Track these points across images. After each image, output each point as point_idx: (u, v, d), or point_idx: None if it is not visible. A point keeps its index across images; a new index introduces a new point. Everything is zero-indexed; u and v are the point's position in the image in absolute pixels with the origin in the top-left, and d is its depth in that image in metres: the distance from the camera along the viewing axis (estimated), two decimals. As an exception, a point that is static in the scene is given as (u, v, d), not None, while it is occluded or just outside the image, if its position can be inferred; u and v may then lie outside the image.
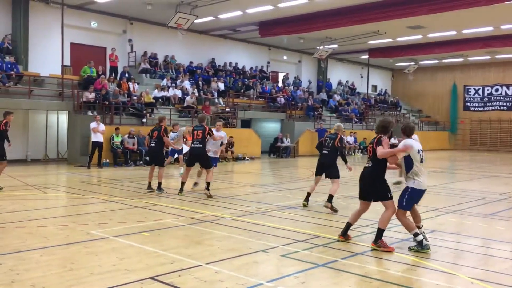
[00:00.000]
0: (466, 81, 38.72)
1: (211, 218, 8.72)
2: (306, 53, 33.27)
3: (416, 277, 5.56)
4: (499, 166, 22.84)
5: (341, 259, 6.16)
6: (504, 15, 22.36)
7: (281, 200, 11.02)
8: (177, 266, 5.73)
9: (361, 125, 32.86)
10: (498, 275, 5.70)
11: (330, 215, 9.32)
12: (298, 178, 16.42)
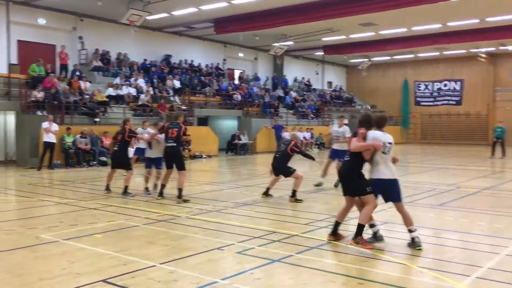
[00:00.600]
0: (416, 77, 39.91)
1: (167, 217, 8.59)
2: (262, 50, 33.37)
3: (369, 268, 5.67)
4: (449, 158, 23.68)
5: (296, 254, 6.20)
6: (451, 13, 23.15)
7: (238, 197, 11.00)
8: (130, 267, 5.61)
9: (317, 121, 33.30)
10: (446, 263, 5.89)
11: (287, 210, 9.37)
12: (255, 175, 16.45)
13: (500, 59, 36.40)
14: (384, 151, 6.46)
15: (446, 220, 8.59)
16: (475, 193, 11.76)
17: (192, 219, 8.42)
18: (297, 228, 7.68)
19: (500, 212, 9.31)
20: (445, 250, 6.56)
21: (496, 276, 5.34)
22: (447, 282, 5.16)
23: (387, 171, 6.48)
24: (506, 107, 35.66)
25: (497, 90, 36.40)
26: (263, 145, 26.68)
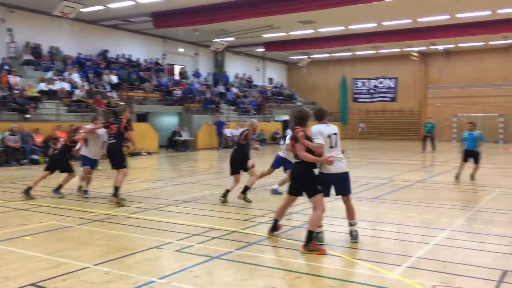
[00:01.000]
0: (354, 74, 41.10)
1: (103, 217, 8.31)
2: (203, 45, 33.09)
3: (307, 262, 5.75)
4: (384, 153, 24.59)
5: (236, 250, 6.19)
6: (385, 13, 24.01)
7: (178, 194, 10.85)
8: (62, 270, 5.37)
9: (259, 117, 33.48)
10: (380, 254, 6.09)
11: (227, 207, 9.34)
12: (196, 172, 16.30)
13: (431, 58, 38.21)
14: (331, 145, 6.33)
15: (380, 212, 8.89)
16: (407, 186, 12.27)
17: (129, 218, 8.20)
18: (237, 224, 7.67)
19: (430, 203, 9.77)
20: (379, 241, 6.78)
21: (425, 265, 5.58)
22: (381, 272, 5.33)
23: (337, 164, 6.29)
24: (436, 104, 37.57)
25: (428, 88, 38.21)
26: (205, 142, 26.50)
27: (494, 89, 35.39)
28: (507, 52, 34.76)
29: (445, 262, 5.67)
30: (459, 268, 5.43)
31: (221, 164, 19.65)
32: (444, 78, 37.29)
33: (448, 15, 24.46)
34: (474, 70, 36.33)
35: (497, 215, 8.61)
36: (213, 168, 17.18)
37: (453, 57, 37.11)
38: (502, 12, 23.70)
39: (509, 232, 7.23)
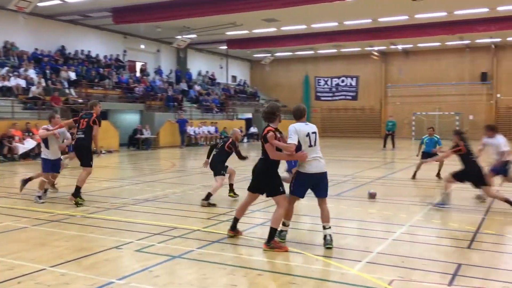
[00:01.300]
0: (316, 72, 41.48)
1: (60, 217, 8.07)
2: (165, 42, 32.67)
3: (268, 259, 5.76)
4: (345, 150, 24.99)
5: (197, 249, 6.14)
6: (346, 12, 24.37)
7: (139, 193, 10.66)
8: (17, 272, 5.18)
9: (222, 115, 33.40)
10: (341, 250, 6.15)
11: (189, 205, 9.25)
12: (158, 170, 16.08)
13: (390, 58, 39.08)
14: (311, 144, 6.17)
15: (342, 209, 9.01)
16: (368, 183, 12.49)
17: (88, 218, 8.00)
18: (199, 223, 7.60)
19: (389, 200, 9.98)
20: (340, 238, 6.85)
21: (384, 260, 5.69)
22: (341, 268, 5.40)
23: (316, 163, 6.18)
24: (396, 102, 38.48)
25: (388, 87, 39.06)
26: (167, 140, 26.20)
27: (450, 88, 36.55)
28: (463, 53, 35.96)
29: (404, 257, 5.79)
30: (416, 263, 5.57)
31: (184, 162, 19.48)
32: (403, 77, 38.23)
33: (407, 15, 25.07)
34: (431, 69, 37.42)
35: (453, 211, 8.87)
36: (175, 167, 16.99)
37: (411, 56, 38.09)
38: (458, 14, 24.49)
39: (462, 227, 7.46)
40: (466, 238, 6.74)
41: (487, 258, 5.79)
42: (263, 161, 6.30)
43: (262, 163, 6.32)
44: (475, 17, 25.24)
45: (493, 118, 35.00)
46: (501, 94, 35.28)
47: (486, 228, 7.31)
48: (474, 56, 35.87)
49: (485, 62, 35.75)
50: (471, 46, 35.10)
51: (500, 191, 9.49)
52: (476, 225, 7.52)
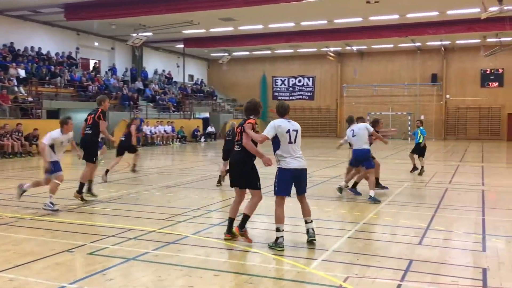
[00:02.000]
0: (274, 72, 41.80)
1: (9, 220, 7.75)
2: (120, 40, 31.96)
3: (225, 260, 5.74)
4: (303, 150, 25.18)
5: (153, 250, 6.03)
6: (303, 13, 24.63)
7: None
8: (-41, 279, 4.92)
9: (179, 114, 33.05)
10: (298, 249, 6.21)
11: (144, 206, 9.08)
12: (113, 171, 15.66)
13: (346, 58, 39.84)
14: (290, 140, 6.32)
15: (299, 208, 9.07)
16: (324, 181, 12.67)
17: (38, 221, 7.71)
18: (155, 224, 7.47)
19: (344, 198, 10.15)
20: (297, 236, 6.91)
21: (339, 258, 5.78)
22: (297, 266, 5.44)
23: (296, 161, 6.35)
24: (352, 102, 39.27)
25: (343, 87, 39.80)
26: (122, 139, 25.59)
27: (402, 89, 37.66)
28: (414, 55, 37.13)
29: (358, 254, 5.90)
30: (370, 259, 5.68)
31: (139, 162, 19.09)
32: (358, 77, 39.06)
33: (361, 17, 25.60)
34: (385, 70, 38.43)
35: (404, 208, 9.14)
36: (131, 167, 16.63)
37: (366, 58, 38.98)
38: (410, 17, 25.25)
39: (414, 223, 7.69)
40: (417, 234, 6.94)
41: (437, 254, 5.98)
42: (240, 153, 6.41)
43: (239, 154, 6.43)
44: (426, 20, 26.10)
45: (443, 118, 36.36)
46: (450, 95, 36.66)
47: (436, 225, 7.56)
48: (425, 58, 37.12)
49: (435, 64, 37.04)
50: (422, 49, 36.30)
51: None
52: (427, 221, 7.76)
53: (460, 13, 24.27)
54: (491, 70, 35.36)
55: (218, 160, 19.46)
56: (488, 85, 35.60)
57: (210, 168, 15.83)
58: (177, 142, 29.08)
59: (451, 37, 31.56)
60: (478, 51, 33.07)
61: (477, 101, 35.88)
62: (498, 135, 34.78)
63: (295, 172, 6.31)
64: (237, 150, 6.48)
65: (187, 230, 7.13)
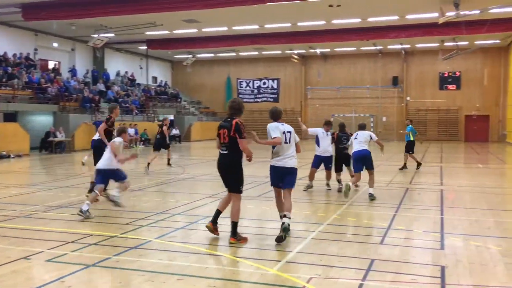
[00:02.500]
0: (238, 74, 41.81)
1: (-39, 227, 7.42)
2: (80, 41, 31.23)
3: (189, 264, 5.66)
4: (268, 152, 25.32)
5: (114, 256, 5.90)
6: (267, 15, 24.74)
7: (52, 199, 10.08)
8: None
9: (142, 116, 32.59)
10: (263, 251, 6.22)
11: (105, 211, 8.88)
12: (73, 175, 15.31)
13: (310, 61, 40.27)
14: (286, 141, 6.95)
15: (263, 210, 9.11)
16: (288, 183, 12.72)
17: (-7, 228, 7.42)
18: (116, 229, 7.32)
19: (309, 199, 10.24)
20: (261, 238, 6.92)
21: (303, 259, 5.82)
22: (261, 269, 5.43)
23: (282, 161, 6.97)
24: (316, 104, 39.73)
25: (307, 89, 40.22)
26: (83, 143, 25.01)
27: (365, 91, 38.36)
28: (376, 58, 37.89)
29: (321, 255, 5.96)
30: (333, 260, 5.74)
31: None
32: (322, 80, 39.55)
33: (324, 21, 25.94)
34: (348, 73, 39.06)
35: (367, 208, 9.30)
36: (92, 171, 16.24)
37: (329, 60, 39.51)
38: (371, 20, 25.75)
39: (376, 223, 7.83)
40: (379, 234, 7.07)
41: (398, 253, 6.10)
42: (229, 156, 6.60)
43: (229, 157, 6.61)
44: (387, 24, 26.68)
45: (404, 120, 37.21)
46: (410, 97, 37.60)
47: (397, 224, 7.72)
48: (386, 61, 37.95)
49: (396, 67, 37.92)
50: (383, 52, 37.09)
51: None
52: (388, 221, 7.92)
53: (419, 18, 24.94)
54: (449, 73, 36.50)
55: (183, 163, 19.32)
56: (446, 88, 36.74)
57: (174, 171, 15.66)
58: (140, 145, 28.66)
59: (410, 41, 32.39)
60: (437, 54, 34.07)
61: (436, 103, 36.96)
62: (456, 136, 35.91)
63: (278, 169, 6.98)
64: (225, 153, 6.61)
65: (150, 235, 7.02)
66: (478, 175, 15.03)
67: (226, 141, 6.56)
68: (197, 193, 11.07)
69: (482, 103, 35.93)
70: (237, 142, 6.51)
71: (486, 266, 5.54)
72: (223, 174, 6.76)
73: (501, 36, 30.22)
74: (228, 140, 6.54)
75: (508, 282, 5.01)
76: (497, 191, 11.59)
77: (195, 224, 7.78)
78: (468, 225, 7.70)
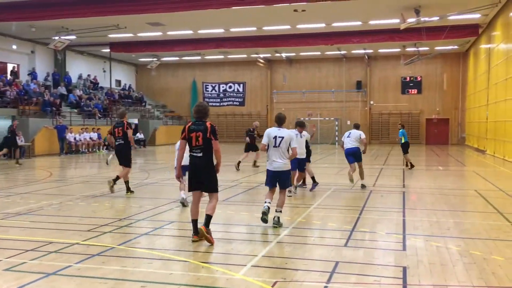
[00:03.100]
0: (204, 78, 41.63)
1: None
2: (41, 43, 30.45)
3: (153, 270, 5.57)
4: (234, 156, 25.27)
5: (75, 264, 5.75)
6: (232, 19, 24.77)
7: (10, 206, 9.74)
8: None
9: (105, 120, 32.00)
10: (228, 256, 6.18)
11: (67, 217, 8.65)
12: (33, 181, 14.86)
13: (275, 65, 40.54)
14: (275, 145, 7.81)
15: (229, 214, 9.08)
16: (255, 187, 12.76)
17: None
18: (78, 236, 7.14)
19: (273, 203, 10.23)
20: (227, 243, 6.89)
21: (268, 263, 5.81)
22: (226, 273, 5.40)
23: (274, 164, 7.84)
24: (281, 108, 39.94)
25: (273, 93, 40.44)
26: (43, 148, 24.40)
27: (330, 95, 38.91)
28: (340, 62, 38.52)
29: (286, 258, 5.98)
30: (298, 263, 5.77)
31: (63, 171, 18.29)
32: (287, 84, 39.86)
33: (289, 25, 26.18)
34: (313, 77, 39.54)
35: (332, 211, 9.41)
36: (53, 176, 15.86)
37: (294, 64, 39.89)
38: (336, 25, 26.17)
39: (340, 226, 7.92)
40: (343, 236, 7.16)
41: (362, 255, 6.19)
42: (203, 158, 6.71)
43: (204, 160, 6.72)
44: (350, 29, 27.18)
45: (368, 123, 37.93)
46: (373, 101, 38.37)
47: (361, 226, 7.84)
48: (350, 66, 38.63)
49: (359, 72, 38.64)
50: (347, 56, 37.74)
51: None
52: (352, 223, 8.03)
53: (381, 23, 25.53)
54: (410, 78, 37.48)
55: (147, 167, 19.07)
56: (408, 92, 37.68)
57: (138, 176, 15.44)
58: (103, 149, 28.11)
59: (373, 46, 33.10)
60: (399, 59, 34.91)
61: (398, 107, 37.84)
62: (418, 139, 36.84)
63: (273, 173, 7.91)
64: (200, 156, 6.71)
65: (113, 241, 6.88)
66: (439, 177, 15.46)
67: (200, 144, 6.69)
68: (162, 198, 10.94)
69: (442, 107, 37.05)
70: (211, 144, 6.67)
71: (446, 266, 5.69)
72: (199, 175, 6.76)
73: (460, 42, 31.28)
74: (202, 143, 6.67)
75: (467, 281, 5.15)
76: (457, 192, 11.94)
77: (160, 229, 7.68)
78: (429, 226, 7.89)
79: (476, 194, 11.44)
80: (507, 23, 21.34)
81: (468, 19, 24.51)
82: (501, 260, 5.89)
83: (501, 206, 9.71)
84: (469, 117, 34.04)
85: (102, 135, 28.31)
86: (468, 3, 21.15)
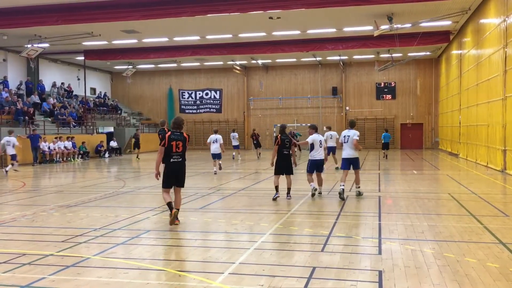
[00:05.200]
0: (180, 85, 41.55)
1: None
2: (13, 51, 29.93)
3: (128, 280, 5.50)
4: (209, 162, 25.21)
5: (49, 276, 5.64)
6: (208, 26, 24.79)
7: (-19, 218, 9.50)
8: None
9: (80, 129, 31.55)
10: (205, 264, 6.15)
11: (41, 228, 8.49)
12: (5, 191, 14.53)
13: (251, 72, 40.68)
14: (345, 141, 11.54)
15: (206, 222, 9.04)
16: (232, 194, 12.74)
17: None
18: (52, 247, 7.01)
19: (251, 210, 10.28)
20: (205, 250, 6.86)
21: (246, 270, 5.82)
22: (204, 282, 5.38)
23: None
24: (258, 114, 40.13)
25: (250, 100, 40.54)
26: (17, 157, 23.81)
27: (306, 101, 39.23)
28: (316, 69, 38.91)
29: (264, 265, 5.99)
30: (276, 269, 5.78)
31: (37, 181, 17.94)
32: (264, 90, 40.03)
33: (265, 32, 26.34)
34: (289, 83, 39.81)
35: (308, 217, 9.46)
36: (26, 186, 15.54)
37: (271, 71, 40.11)
38: (311, 33, 26.44)
39: (317, 231, 7.98)
40: (320, 242, 7.20)
41: (338, 259, 6.24)
42: (183, 161, 8.55)
43: (183, 163, 8.55)
44: (325, 36, 27.50)
45: (344, 129, 38.21)
46: (349, 107, 38.82)
47: (338, 231, 7.90)
48: (326, 72, 39.05)
49: (335, 78, 39.08)
50: (323, 63, 38.15)
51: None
52: (329, 229, 8.09)
53: (355, 30, 25.90)
54: (384, 84, 38.07)
55: (123, 176, 18.85)
56: (383, 98, 38.27)
57: (113, 185, 15.25)
58: (78, 158, 27.70)
59: (348, 53, 33.55)
60: (373, 65, 35.47)
61: (373, 113, 38.37)
62: (393, 144, 37.39)
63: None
64: (180, 160, 8.43)
65: (88, 252, 6.78)
66: (413, 181, 15.71)
67: (180, 150, 8.39)
68: (138, 206, 10.83)
69: (416, 112, 37.73)
70: (185, 150, 8.47)
71: (421, 268, 5.78)
72: (179, 176, 8.50)
73: (432, 48, 31.96)
74: (182, 149, 8.40)
75: (441, 283, 5.25)
76: (430, 196, 12.15)
77: (137, 238, 7.60)
78: (404, 230, 8.01)
79: (449, 197, 11.67)
80: (477, 30, 21.92)
81: (439, 26, 25.09)
82: (474, 262, 6.02)
83: (474, 209, 9.92)
84: (442, 121, 34.75)
85: (77, 144, 27.89)
86: (439, 11, 21.66)
